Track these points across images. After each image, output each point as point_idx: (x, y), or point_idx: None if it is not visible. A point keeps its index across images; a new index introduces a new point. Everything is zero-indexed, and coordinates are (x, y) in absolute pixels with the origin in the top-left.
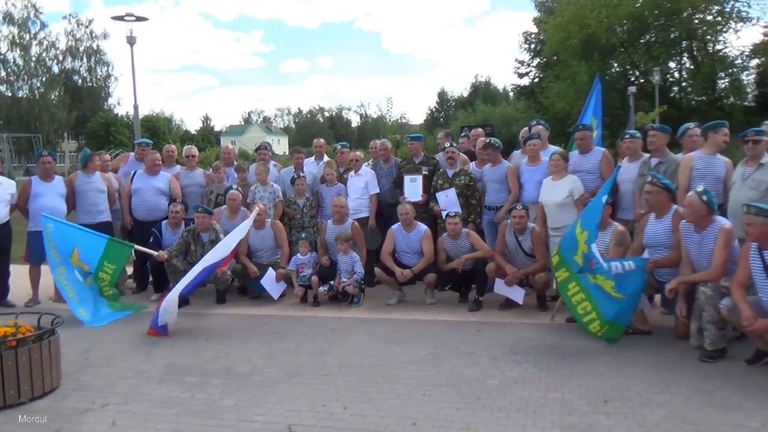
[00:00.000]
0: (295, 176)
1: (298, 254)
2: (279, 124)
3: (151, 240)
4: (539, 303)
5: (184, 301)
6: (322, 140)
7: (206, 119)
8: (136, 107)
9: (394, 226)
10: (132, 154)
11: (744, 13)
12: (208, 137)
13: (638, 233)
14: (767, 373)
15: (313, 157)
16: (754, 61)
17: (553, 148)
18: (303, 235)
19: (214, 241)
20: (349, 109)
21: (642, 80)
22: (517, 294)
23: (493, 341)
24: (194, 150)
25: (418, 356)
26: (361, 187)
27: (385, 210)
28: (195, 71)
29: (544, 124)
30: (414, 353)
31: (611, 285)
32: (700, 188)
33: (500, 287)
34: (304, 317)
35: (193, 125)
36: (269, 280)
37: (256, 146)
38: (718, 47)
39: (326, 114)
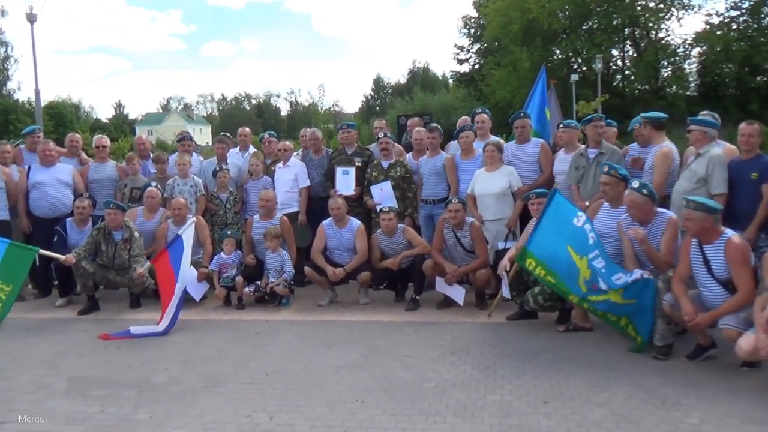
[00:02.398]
0: (218, 168)
1: (222, 253)
2: (201, 112)
3: (55, 239)
4: (478, 301)
5: (93, 305)
6: (247, 129)
7: (119, 106)
8: (37, 92)
9: (325, 222)
10: (23, 145)
11: (686, 1)
12: (121, 126)
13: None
14: (708, 369)
15: (238, 147)
16: (696, 50)
17: (493, 138)
18: (228, 233)
19: (128, 240)
20: (278, 96)
21: (585, 68)
22: (458, 293)
23: (431, 342)
24: (105, 140)
25: (350, 360)
26: (289, 179)
27: (316, 204)
28: (106, 53)
29: (488, 113)
30: (346, 357)
31: (620, 293)
32: (635, 184)
33: (440, 286)
34: (228, 321)
35: (104, 113)
36: (190, 281)
37: (176, 136)
38: (661, 35)
39: (253, 101)
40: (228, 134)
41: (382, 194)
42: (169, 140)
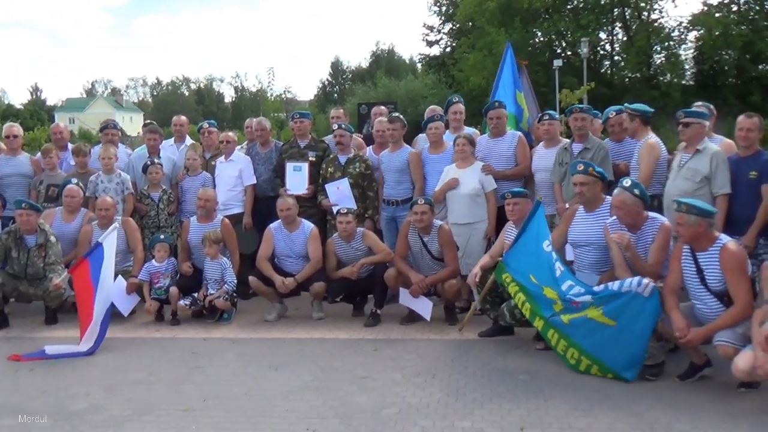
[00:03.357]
0: (149, 163)
1: (153, 260)
2: (132, 97)
3: None
4: (448, 315)
5: (2, 321)
6: (183, 117)
7: (36, 90)
8: None
9: (273, 225)
10: None
11: None
12: (38, 113)
13: (561, 225)
14: (702, 390)
15: (173, 138)
16: (693, 34)
17: (467, 130)
18: (160, 237)
19: (43, 246)
20: (222, 81)
21: (569, 52)
22: (424, 306)
23: (393, 362)
24: (17, 129)
25: (301, 383)
26: (233, 176)
27: (263, 205)
28: (21, 29)
29: (462, 101)
30: (297, 379)
31: (600, 308)
32: (627, 182)
33: (405, 298)
34: (160, 339)
35: (18, 98)
36: (117, 293)
37: (101, 125)
38: (654, 17)
39: (192, 86)
40: (158, 126)
41: (339, 193)
42: (94, 129)
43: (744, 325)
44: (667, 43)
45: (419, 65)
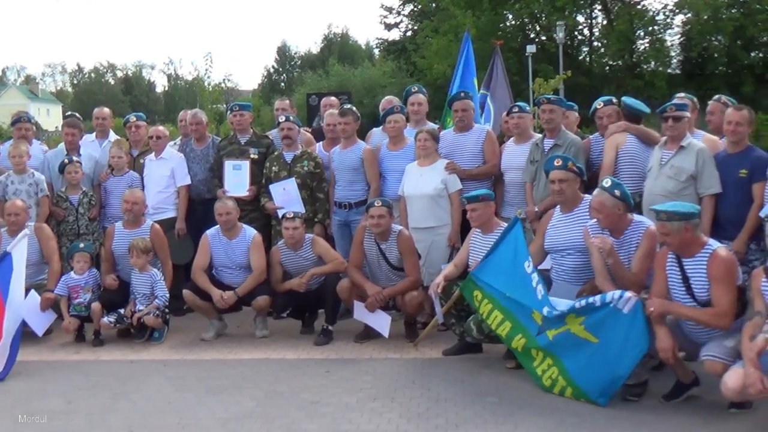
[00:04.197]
0: (67, 161)
1: (71, 272)
2: (49, 86)
3: None
4: (408, 331)
5: None
6: (106, 110)
7: None
8: None
9: (210, 232)
10: None
11: None
12: None
13: (538, 235)
14: (689, 411)
15: (95, 133)
16: (679, 18)
17: (429, 125)
18: (80, 245)
19: None
20: (153, 68)
21: (544, 37)
22: (382, 321)
23: (347, 384)
24: None
25: (242, 410)
26: (164, 176)
27: (199, 208)
28: None
29: (425, 93)
30: (237, 406)
31: (580, 321)
32: (607, 182)
33: (360, 313)
34: (80, 362)
35: None
36: (30, 309)
37: (12, 118)
38: None
39: (119, 73)
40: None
41: (285, 195)
42: (5, 123)
43: (733, 338)
44: (651, 28)
45: (376, 51)
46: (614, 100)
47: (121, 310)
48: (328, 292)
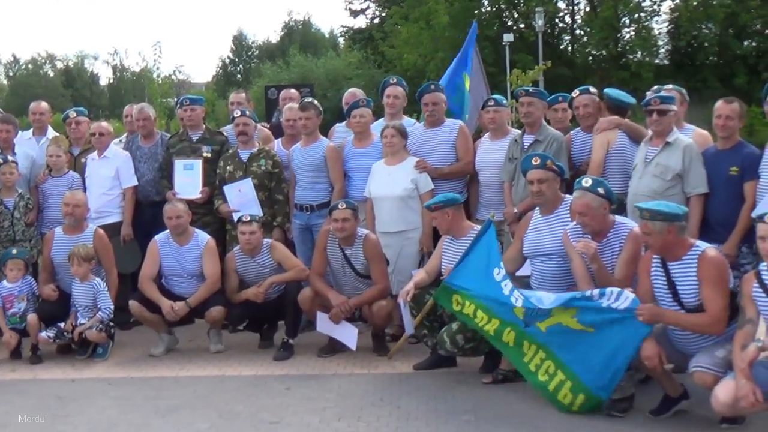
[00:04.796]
0: (0, 161)
1: (4, 281)
2: None
3: None
4: (376, 344)
5: None
6: (44, 104)
7: None
8: None
9: (159, 237)
10: None
11: None
12: None
13: (516, 240)
14: (678, 427)
15: (31, 130)
16: (667, 4)
17: (407, 121)
18: (12, 251)
19: None
20: (96, 59)
21: (522, 25)
22: (348, 334)
23: (309, 403)
24: None
25: (195, 431)
26: (108, 176)
27: (147, 212)
28: None
29: (405, 86)
30: (190, 428)
31: (572, 314)
32: (587, 181)
33: (323, 324)
34: (16, 381)
35: None
36: None
37: None
38: None
39: (59, 64)
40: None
41: (241, 197)
42: None
43: (724, 348)
44: (637, 15)
45: (341, 40)
46: (591, 89)
47: (61, 324)
48: (289, 303)
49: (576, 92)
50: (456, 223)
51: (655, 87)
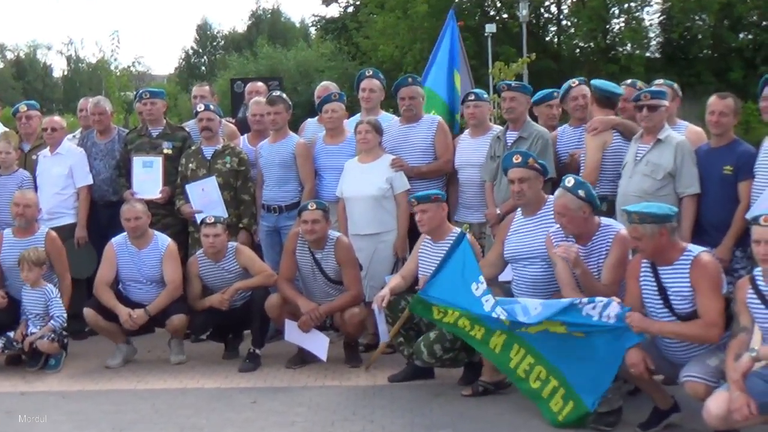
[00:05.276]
0: None
1: None
2: None
3: None
4: (349, 354)
5: None
6: None
7: None
8: None
9: (115, 240)
10: None
11: None
12: None
13: (497, 243)
14: None
15: None
16: None
17: (384, 116)
18: None
19: None
20: (49, 49)
21: (505, 15)
22: (318, 343)
23: (277, 417)
24: None
25: None
26: (61, 175)
27: (103, 213)
28: None
29: (382, 78)
30: None
31: (560, 323)
32: (569, 181)
33: (292, 333)
34: None
35: None
36: None
37: None
38: None
39: (9, 55)
40: None
41: (204, 197)
42: None
43: (717, 356)
44: (627, 6)
45: (313, 30)
46: (584, 80)
47: (11, 333)
48: (255, 310)
49: (575, 81)
50: (442, 221)
51: (630, 81)
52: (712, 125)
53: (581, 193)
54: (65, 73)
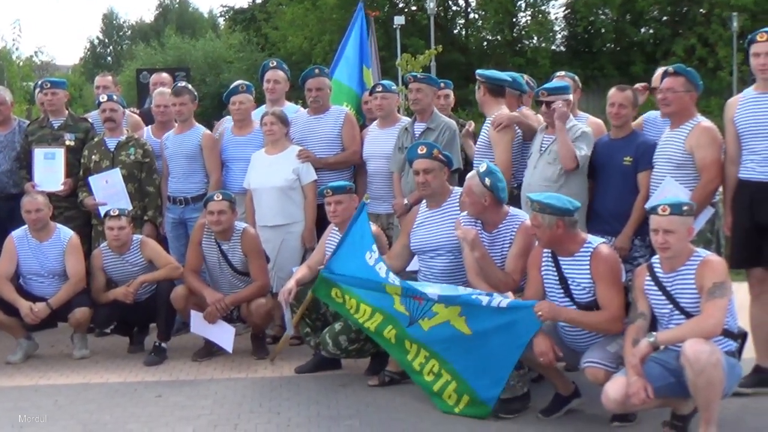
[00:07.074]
0: None
1: None
2: None
3: None
4: (256, 346)
5: None
6: None
7: None
8: None
9: (16, 233)
10: None
11: None
12: None
13: (403, 234)
14: (570, 427)
15: None
16: None
17: (289, 107)
18: None
19: None
20: None
21: (414, 7)
22: (225, 334)
23: (183, 411)
24: None
25: None
26: None
27: (3, 206)
28: None
29: (285, 69)
30: None
31: (458, 312)
32: (482, 167)
33: (198, 325)
34: None
35: None
36: None
37: None
38: None
39: None
40: None
41: (108, 189)
42: None
43: (616, 342)
44: None
45: (221, 21)
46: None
47: None
48: (161, 303)
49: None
50: (351, 214)
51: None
52: (612, 117)
53: (487, 181)
54: None
